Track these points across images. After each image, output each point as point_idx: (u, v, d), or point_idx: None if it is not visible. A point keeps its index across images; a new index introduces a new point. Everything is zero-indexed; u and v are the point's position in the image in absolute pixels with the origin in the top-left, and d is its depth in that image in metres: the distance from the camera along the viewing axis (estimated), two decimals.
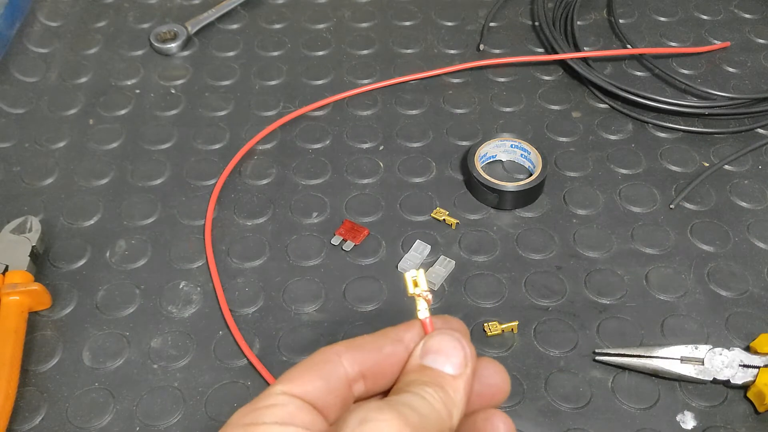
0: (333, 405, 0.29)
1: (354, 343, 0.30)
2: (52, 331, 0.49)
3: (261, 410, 0.28)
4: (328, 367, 0.29)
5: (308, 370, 0.29)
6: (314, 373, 0.29)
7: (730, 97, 0.63)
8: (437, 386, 0.28)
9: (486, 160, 0.59)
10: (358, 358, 0.30)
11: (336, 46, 0.70)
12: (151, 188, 0.58)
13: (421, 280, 0.31)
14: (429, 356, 0.29)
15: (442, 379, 0.29)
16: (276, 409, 0.28)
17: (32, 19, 0.72)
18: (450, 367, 0.29)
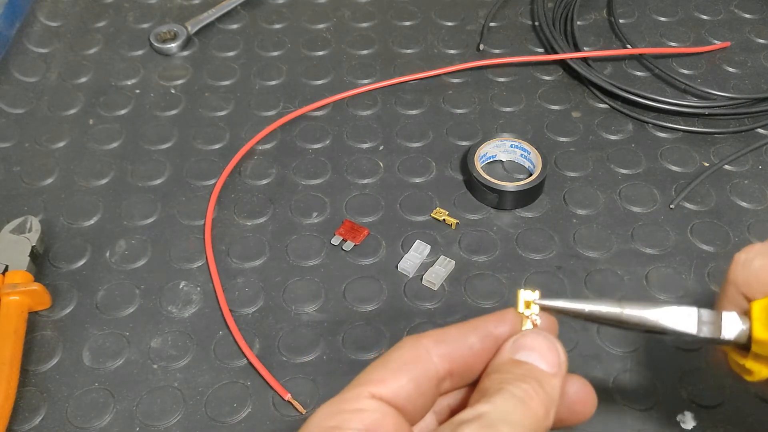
0: (420, 407, 0.28)
1: (442, 336, 0.29)
2: (52, 331, 0.49)
3: (347, 414, 0.26)
4: (419, 368, 0.28)
5: (398, 370, 0.28)
6: (405, 374, 0.28)
7: (730, 97, 0.63)
8: (535, 381, 0.27)
9: (486, 160, 0.59)
10: (448, 355, 0.28)
11: (336, 46, 0.70)
12: (151, 188, 0.58)
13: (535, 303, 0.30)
14: (523, 352, 0.28)
15: (539, 374, 0.27)
16: (363, 415, 0.26)
17: (32, 19, 0.72)
18: (545, 364, 0.28)
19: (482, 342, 0.29)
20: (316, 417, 0.27)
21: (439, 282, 0.51)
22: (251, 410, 0.45)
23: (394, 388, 0.27)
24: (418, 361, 0.28)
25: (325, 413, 0.27)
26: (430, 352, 0.28)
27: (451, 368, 0.28)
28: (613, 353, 0.48)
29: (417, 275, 0.52)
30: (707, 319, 0.33)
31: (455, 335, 0.29)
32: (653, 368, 0.47)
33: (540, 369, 0.27)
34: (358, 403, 0.27)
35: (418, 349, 0.28)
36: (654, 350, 0.48)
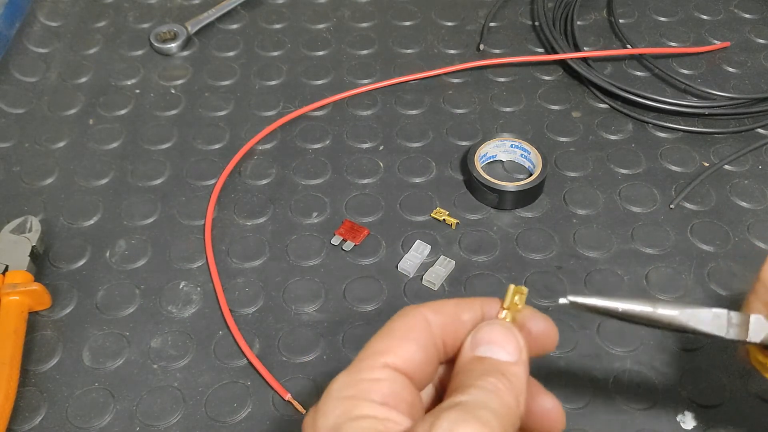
0: (427, 375, 0.29)
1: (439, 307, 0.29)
2: (52, 331, 0.49)
3: (365, 384, 0.27)
4: (424, 336, 0.28)
5: (406, 339, 0.28)
6: (413, 342, 0.28)
7: (730, 97, 0.63)
8: (499, 374, 0.27)
9: (486, 160, 0.59)
10: (443, 326, 0.29)
11: (336, 46, 0.70)
12: (151, 188, 0.58)
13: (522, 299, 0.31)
14: (481, 347, 0.29)
15: (502, 366, 0.28)
16: (380, 385, 0.27)
17: (32, 19, 0.72)
18: (505, 354, 0.28)
19: (473, 319, 0.30)
20: (334, 387, 0.27)
21: (439, 282, 0.51)
22: (251, 410, 0.45)
23: (405, 357, 0.28)
24: (422, 330, 0.29)
25: (343, 383, 0.27)
26: (430, 321, 0.29)
27: (445, 340, 0.29)
28: (613, 353, 0.48)
29: (417, 275, 0.52)
30: (736, 322, 0.34)
31: (450, 308, 0.30)
32: (653, 368, 0.47)
33: (501, 361, 0.28)
34: (374, 372, 0.27)
35: (420, 318, 0.29)
36: (654, 350, 0.48)
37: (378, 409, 0.26)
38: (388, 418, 0.26)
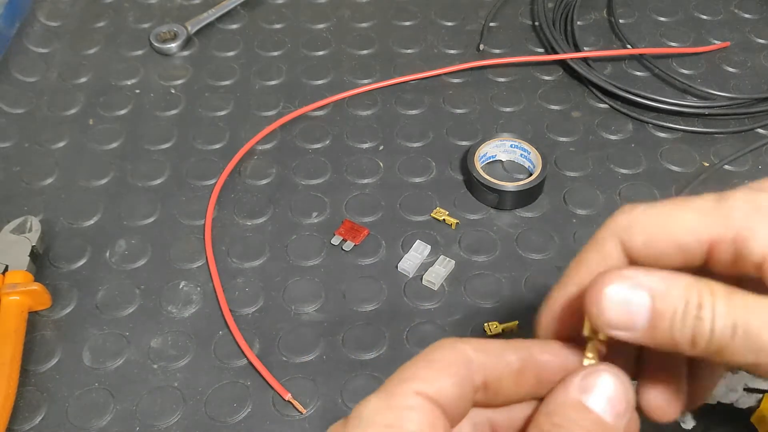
0: (460, 412, 0.27)
1: (483, 345, 0.28)
2: (52, 331, 0.49)
3: (399, 411, 0.25)
4: (462, 371, 0.27)
5: (443, 371, 0.26)
6: (450, 375, 0.26)
7: (730, 97, 0.63)
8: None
9: (486, 160, 0.59)
10: (485, 365, 0.27)
11: (336, 46, 0.70)
12: (151, 188, 0.58)
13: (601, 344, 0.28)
14: (593, 396, 0.26)
15: (603, 427, 0.26)
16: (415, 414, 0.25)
17: (32, 19, 0.72)
18: (612, 416, 0.26)
19: (521, 362, 0.28)
20: (368, 411, 0.26)
21: (439, 282, 0.51)
22: (251, 410, 0.45)
23: (439, 388, 0.26)
24: (460, 365, 0.27)
25: (377, 408, 0.26)
26: (471, 357, 0.27)
27: (486, 381, 0.27)
28: None
29: (417, 275, 0.52)
30: None
31: (495, 348, 0.28)
32: None
33: (605, 422, 0.26)
34: (407, 399, 0.26)
35: (459, 352, 0.27)
36: None
37: None
38: None
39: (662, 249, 0.27)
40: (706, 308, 0.25)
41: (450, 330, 0.49)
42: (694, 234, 0.27)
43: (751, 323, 0.25)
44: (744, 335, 0.25)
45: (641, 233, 0.27)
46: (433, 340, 0.49)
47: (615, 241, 0.28)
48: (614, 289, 0.26)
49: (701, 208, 0.27)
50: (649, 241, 0.27)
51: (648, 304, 0.26)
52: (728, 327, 0.25)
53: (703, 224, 0.27)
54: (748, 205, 0.26)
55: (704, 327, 0.25)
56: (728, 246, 0.26)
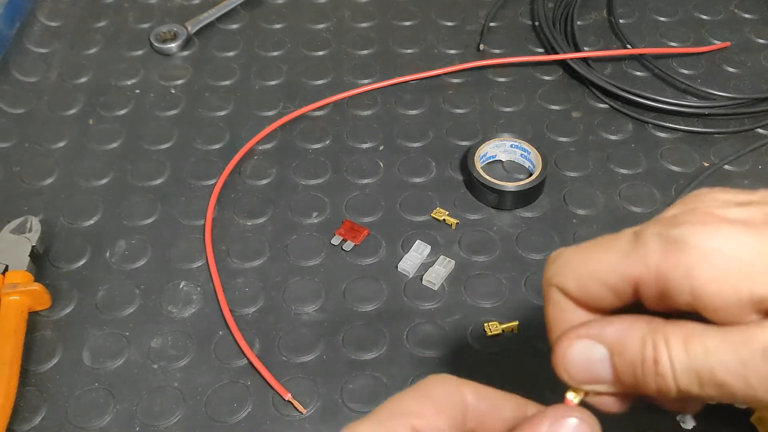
0: None
1: (484, 394, 0.27)
2: (52, 331, 0.49)
3: None
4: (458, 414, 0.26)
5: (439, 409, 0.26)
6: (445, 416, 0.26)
7: (730, 97, 0.63)
8: None
9: (486, 160, 0.59)
10: (481, 414, 0.27)
11: (336, 46, 0.70)
12: (151, 188, 0.58)
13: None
14: None
15: None
16: None
17: (32, 19, 0.72)
18: None
19: (515, 421, 0.27)
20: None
21: (439, 282, 0.51)
22: (251, 410, 0.45)
23: (434, 427, 0.26)
24: (458, 407, 0.26)
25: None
26: (468, 403, 0.27)
27: (475, 429, 0.27)
28: None
29: (417, 275, 0.52)
30: None
31: (493, 399, 0.28)
32: None
33: None
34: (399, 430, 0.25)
35: (459, 394, 0.27)
36: None
37: None
38: None
39: (594, 292, 0.27)
40: (663, 364, 0.25)
41: (450, 330, 0.49)
42: (617, 275, 0.26)
43: (716, 372, 0.24)
44: (711, 383, 0.24)
45: (571, 279, 0.28)
46: (434, 340, 0.49)
47: (555, 290, 0.28)
48: (575, 351, 0.27)
49: (619, 248, 0.27)
50: (581, 286, 0.27)
51: (608, 360, 0.26)
52: (693, 378, 0.25)
53: (623, 265, 0.26)
54: (662, 243, 0.25)
55: (668, 382, 0.25)
56: (652, 284, 0.26)
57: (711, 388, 0.24)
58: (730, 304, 0.24)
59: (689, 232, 0.25)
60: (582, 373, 0.27)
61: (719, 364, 0.24)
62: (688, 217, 0.26)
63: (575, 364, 0.27)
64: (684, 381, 0.25)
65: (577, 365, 0.27)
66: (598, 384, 0.27)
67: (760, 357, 0.24)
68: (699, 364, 0.24)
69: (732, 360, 0.24)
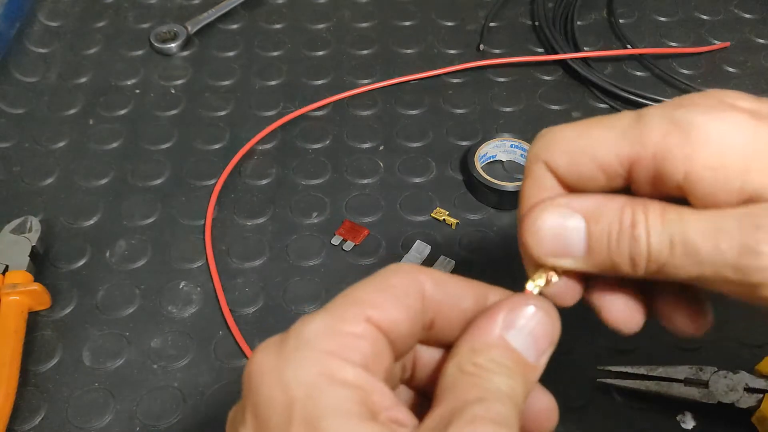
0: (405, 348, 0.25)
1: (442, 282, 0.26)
2: (52, 331, 0.49)
3: (345, 338, 0.23)
4: (417, 304, 0.25)
5: (398, 300, 0.24)
6: (404, 306, 0.24)
7: None
8: (520, 376, 0.24)
9: (486, 160, 0.59)
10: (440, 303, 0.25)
11: (336, 46, 0.70)
12: (151, 188, 0.58)
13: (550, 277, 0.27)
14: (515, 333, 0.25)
15: (524, 368, 0.24)
16: (363, 343, 0.23)
17: (32, 19, 0.72)
18: (534, 355, 0.25)
19: (476, 308, 0.26)
20: (309, 333, 0.23)
21: None
22: None
23: (391, 319, 0.24)
24: (417, 297, 0.25)
25: (320, 330, 0.23)
26: (427, 293, 0.25)
27: (434, 319, 0.26)
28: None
29: None
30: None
31: (453, 288, 0.26)
32: None
33: (526, 361, 0.24)
34: (356, 325, 0.23)
35: (418, 284, 0.25)
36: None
37: (360, 375, 0.23)
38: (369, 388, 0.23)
39: (584, 170, 0.26)
40: (639, 226, 0.25)
41: None
42: (613, 153, 0.26)
43: (688, 234, 0.24)
44: (682, 248, 0.24)
45: (562, 154, 0.27)
46: None
47: (541, 165, 0.27)
48: (548, 218, 0.26)
49: (619, 126, 0.26)
50: (571, 162, 0.26)
51: (583, 229, 0.25)
52: (665, 243, 0.24)
53: (621, 143, 0.25)
54: (665, 123, 0.25)
55: (641, 246, 0.25)
56: (648, 165, 0.25)
57: (681, 254, 0.24)
58: (719, 192, 0.24)
59: (694, 114, 0.24)
60: (554, 244, 0.26)
61: (692, 229, 0.24)
62: (696, 100, 0.25)
63: (546, 233, 0.26)
64: (656, 245, 0.24)
65: (548, 233, 0.26)
66: (566, 257, 0.26)
67: (733, 221, 0.23)
68: (673, 228, 0.24)
69: (705, 224, 0.24)
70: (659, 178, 0.25)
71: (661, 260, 0.24)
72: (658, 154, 0.25)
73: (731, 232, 0.23)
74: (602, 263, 0.26)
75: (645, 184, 0.26)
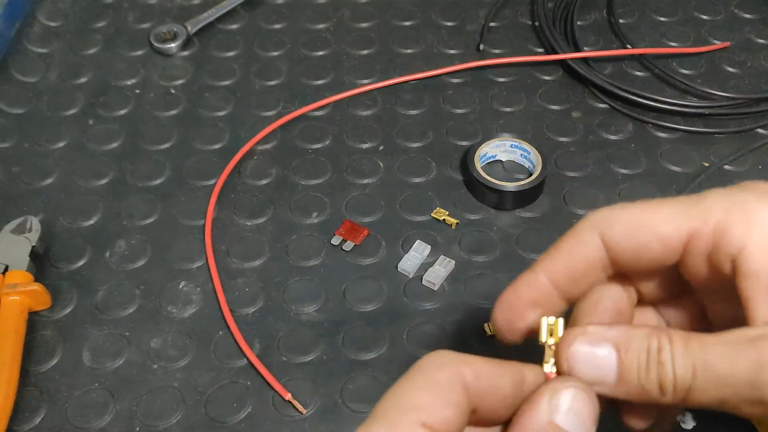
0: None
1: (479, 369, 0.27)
2: (52, 331, 0.49)
3: None
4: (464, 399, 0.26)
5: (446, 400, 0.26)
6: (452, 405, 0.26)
7: (730, 97, 0.63)
8: None
9: (486, 160, 0.59)
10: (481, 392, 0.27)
11: (336, 46, 0.70)
12: (151, 188, 0.58)
13: (560, 328, 0.29)
14: (563, 415, 0.27)
15: None
16: None
17: (32, 19, 0.72)
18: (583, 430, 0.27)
19: (514, 389, 0.28)
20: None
21: (439, 282, 0.51)
22: (251, 410, 0.45)
23: (444, 418, 0.25)
24: (461, 391, 0.26)
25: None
26: (469, 384, 0.27)
27: (477, 408, 0.27)
28: None
29: (417, 275, 0.52)
30: None
31: (491, 374, 0.28)
32: None
33: None
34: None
35: (459, 376, 0.27)
36: None
37: None
38: None
39: (643, 240, 0.29)
40: (665, 352, 0.26)
41: (450, 330, 0.49)
42: (673, 225, 0.28)
43: (708, 359, 0.26)
44: (704, 372, 0.26)
45: (622, 224, 0.29)
46: (434, 340, 0.49)
47: (594, 232, 0.30)
48: (581, 347, 0.28)
49: (681, 203, 0.29)
50: (630, 231, 0.29)
51: (614, 358, 0.27)
52: (688, 367, 0.26)
53: (682, 217, 0.28)
54: (726, 201, 0.28)
55: (667, 371, 0.26)
56: (706, 238, 0.28)
57: (703, 378, 0.26)
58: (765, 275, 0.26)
59: (754, 198, 0.27)
60: (588, 372, 0.28)
61: (711, 352, 0.26)
62: (753, 187, 0.28)
63: (582, 362, 0.28)
64: (681, 369, 0.26)
65: (583, 363, 0.28)
66: (599, 385, 0.28)
67: (747, 342, 0.25)
68: (695, 353, 0.26)
69: (723, 347, 0.26)
70: (716, 251, 0.28)
71: (686, 384, 0.26)
72: (719, 228, 0.27)
73: (746, 352, 0.25)
74: (633, 390, 0.28)
75: (700, 256, 0.28)
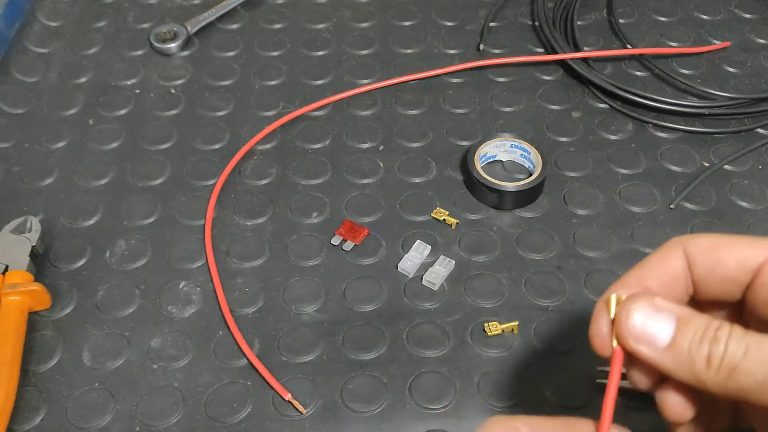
0: None
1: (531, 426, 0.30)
2: (52, 331, 0.49)
3: None
4: None
5: None
6: None
7: (730, 97, 0.63)
8: None
9: (486, 160, 0.59)
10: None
11: (336, 46, 0.70)
12: (151, 188, 0.58)
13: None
14: None
15: None
16: None
17: (32, 19, 0.72)
18: None
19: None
20: None
21: (439, 282, 0.51)
22: (251, 410, 0.45)
23: None
24: None
25: None
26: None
27: None
28: None
29: (417, 275, 0.52)
30: None
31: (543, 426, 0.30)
32: None
33: None
34: None
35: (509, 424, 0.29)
36: None
37: None
38: None
39: (721, 256, 0.32)
40: (723, 330, 0.28)
41: (450, 330, 0.49)
42: (751, 249, 0.31)
43: (764, 340, 0.28)
44: (756, 352, 0.27)
45: (705, 240, 0.32)
46: (433, 339, 0.49)
47: (678, 247, 0.32)
48: (645, 306, 0.30)
49: (751, 238, 0.32)
50: (711, 247, 0.32)
51: (672, 326, 0.29)
52: (741, 347, 0.28)
53: (756, 248, 0.31)
54: None
55: (719, 346, 0.28)
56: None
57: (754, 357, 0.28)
58: None
59: None
60: (642, 327, 0.29)
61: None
62: None
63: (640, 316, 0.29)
64: (732, 347, 0.28)
65: (641, 318, 0.29)
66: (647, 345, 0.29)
67: None
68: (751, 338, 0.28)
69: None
70: None
71: (734, 361, 0.28)
72: None
73: None
74: (680, 359, 0.29)
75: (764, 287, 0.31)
